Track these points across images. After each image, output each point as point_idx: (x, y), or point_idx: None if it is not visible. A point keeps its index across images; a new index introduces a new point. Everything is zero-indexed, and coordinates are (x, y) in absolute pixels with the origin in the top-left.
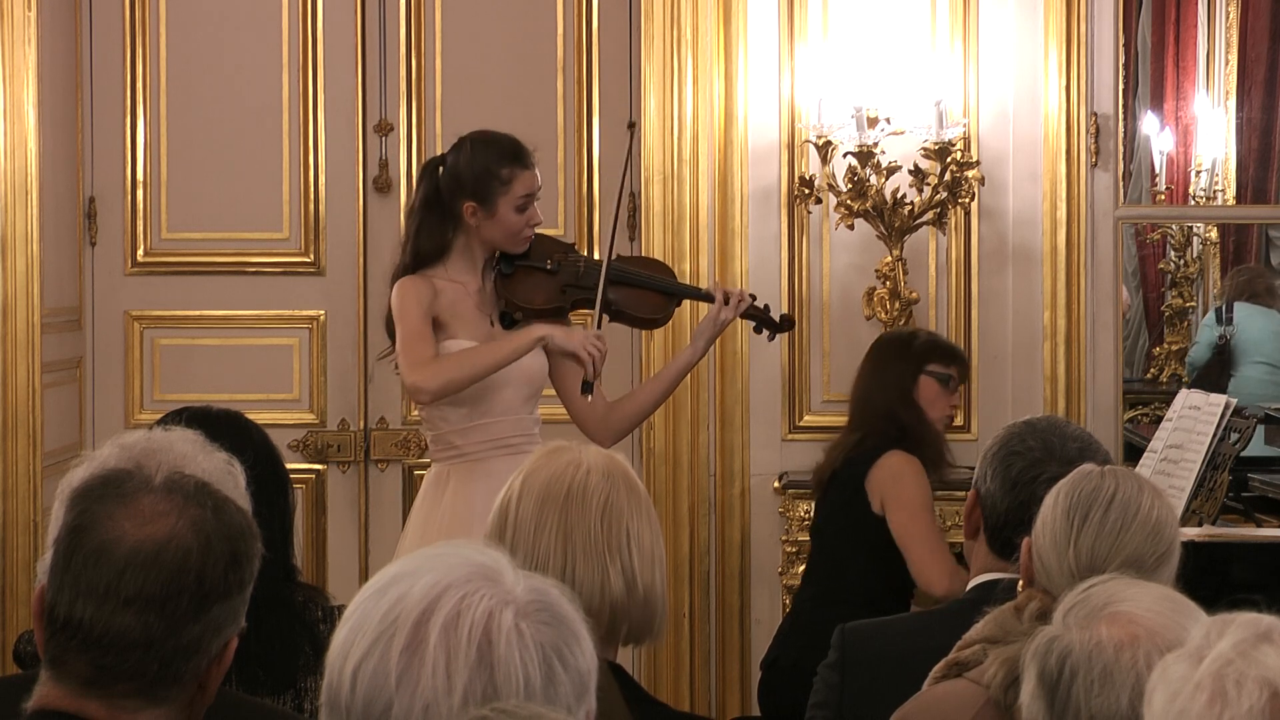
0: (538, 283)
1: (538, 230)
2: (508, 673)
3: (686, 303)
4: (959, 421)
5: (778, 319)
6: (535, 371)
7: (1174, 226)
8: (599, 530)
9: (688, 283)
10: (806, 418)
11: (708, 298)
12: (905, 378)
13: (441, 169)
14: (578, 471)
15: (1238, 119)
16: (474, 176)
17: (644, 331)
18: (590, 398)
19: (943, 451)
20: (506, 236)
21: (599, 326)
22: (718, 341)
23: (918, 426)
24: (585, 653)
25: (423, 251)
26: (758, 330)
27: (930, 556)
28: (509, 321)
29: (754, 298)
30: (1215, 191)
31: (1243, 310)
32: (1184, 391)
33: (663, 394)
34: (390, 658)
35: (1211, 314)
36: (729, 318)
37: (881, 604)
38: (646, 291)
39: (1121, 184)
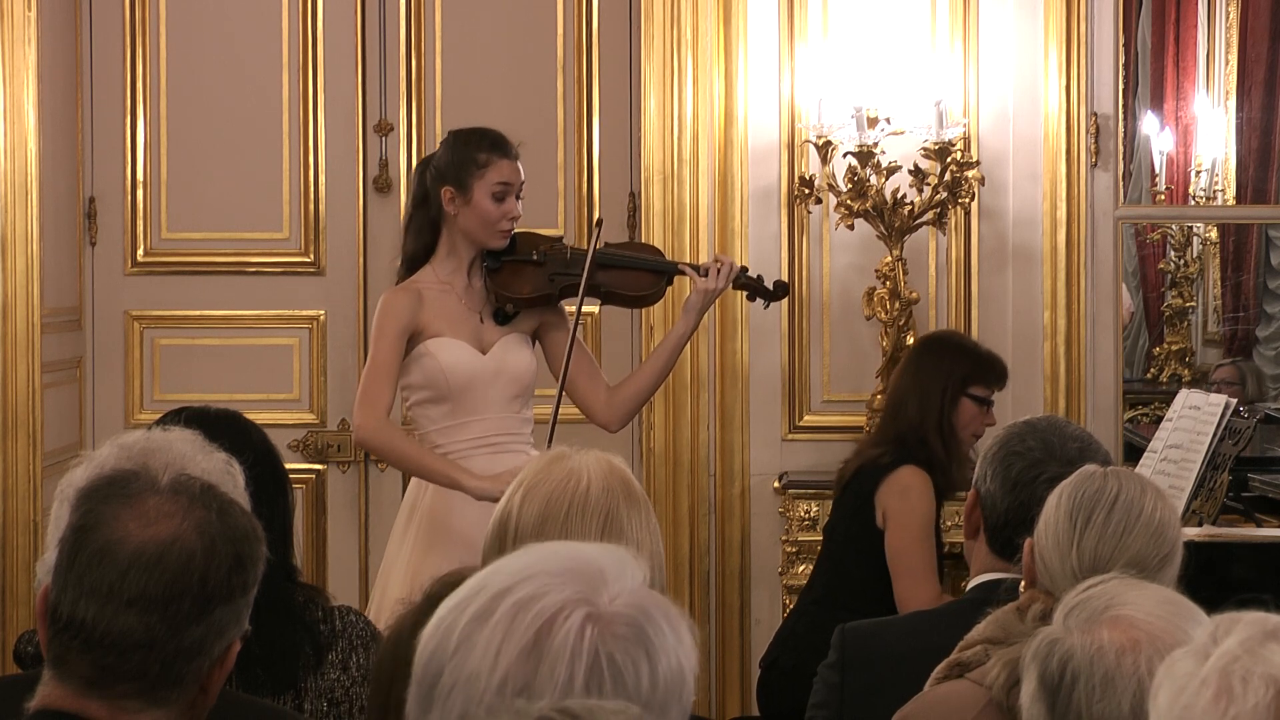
0: (525, 273)
1: (533, 231)
2: (553, 668)
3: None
4: None
5: (771, 286)
6: (522, 371)
7: (1174, 226)
8: None
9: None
10: (806, 418)
11: (696, 270)
12: (946, 400)
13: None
14: (578, 487)
15: (1238, 119)
16: (453, 163)
17: (645, 328)
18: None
19: (957, 480)
20: (483, 226)
21: (580, 308)
22: (718, 341)
23: (944, 457)
24: (659, 680)
25: (410, 251)
26: (751, 298)
27: (917, 588)
28: (503, 317)
29: (745, 269)
30: (1215, 191)
31: None
32: (1184, 391)
33: (661, 370)
34: (459, 622)
35: None
36: (718, 287)
37: (883, 612)
38: (635, 272)
39: (1121, 184)
